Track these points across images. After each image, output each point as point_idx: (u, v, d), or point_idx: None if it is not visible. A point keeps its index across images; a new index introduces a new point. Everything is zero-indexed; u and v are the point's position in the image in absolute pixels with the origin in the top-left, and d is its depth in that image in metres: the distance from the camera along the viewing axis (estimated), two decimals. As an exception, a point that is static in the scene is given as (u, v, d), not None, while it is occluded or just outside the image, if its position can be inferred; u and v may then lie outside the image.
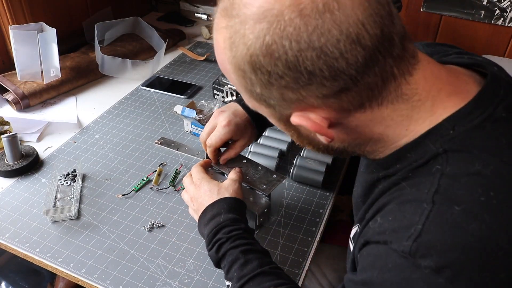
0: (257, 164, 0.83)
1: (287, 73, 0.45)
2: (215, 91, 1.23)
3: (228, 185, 0.74)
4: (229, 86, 1.17)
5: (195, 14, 1.29)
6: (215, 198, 0.72)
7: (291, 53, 0.44)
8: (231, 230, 0.67)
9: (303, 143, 0.58)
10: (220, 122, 0.79)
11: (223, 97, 1.20)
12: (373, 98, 0.48)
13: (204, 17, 1.24)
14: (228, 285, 0.64)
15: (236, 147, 0.82)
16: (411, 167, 0.51)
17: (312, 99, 0.47)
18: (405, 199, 0.49)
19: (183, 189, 0.91)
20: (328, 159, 0.96)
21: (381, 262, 0.47)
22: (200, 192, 0.74)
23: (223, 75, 1.19)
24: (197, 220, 0.74)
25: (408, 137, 0.51)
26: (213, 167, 0.83)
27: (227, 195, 0.72)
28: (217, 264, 0.68)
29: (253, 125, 0.81)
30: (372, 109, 0.49)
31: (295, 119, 0.50)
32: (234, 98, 1.18)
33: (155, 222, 0.84)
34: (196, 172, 0.78)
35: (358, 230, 0.61)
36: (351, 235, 0.64)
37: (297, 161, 0.96)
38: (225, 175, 0.80)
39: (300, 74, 0.45)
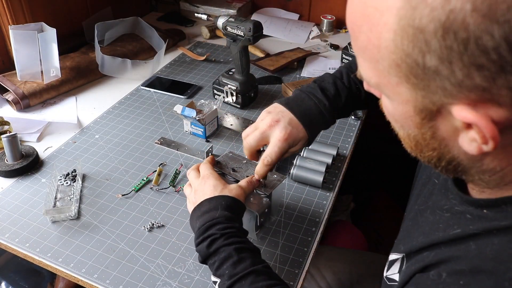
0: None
1: (501, 48, 0.33)
2: (215, 91, 1.23)
3: (233, 188, 0.72)
4: (229, 86, 1.17)
5: (195, 14, 1.28)
6: (216, 194, 0.71)
7: None
8: (225, 227, 0.66)
9: (423, 149, 0.45)
10: (276, 135, 0.72)
11: (224, 97, 1.20)
12: None
13: (204, 17, 1.24)
14: (215, 281, 0.63)
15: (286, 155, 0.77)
16: (499, 225, 0.43)
17: (503, 92, 0.35)
18: (482, 267, 0.41)
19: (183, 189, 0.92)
20: (328, 159, 0.96)
21: None
22: (205, 186, 0.73)
23: (223, 75, 1.19)
24: (190, 207, 0.72)
25: None
26: (215, 167, 0.83)
27: (228, 194, 0.71)
28: (205, 259, 0.66)
29: (307, 135, 0.75)
30: None
31: (465, 113, 0.37)
32: (234, 98, 1.18)
33: (155, 222, 0.84)
34: (205, 167, 0.76)
35: (401, 262, 0.56)
36: (389, 259, 0.61)
37: (297, 161, 0.96)
38: (226, 176, 0.80)
39: None
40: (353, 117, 1.16)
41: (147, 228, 0.83)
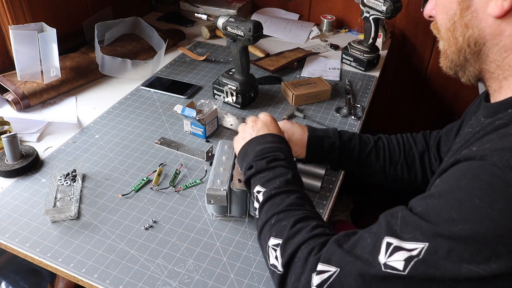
0: None
1: None
2: (215, 91, 1.23)
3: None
4: (229, 86, 1.17)
5: (195, 14, 1.28)
6: (279, 134, 0.80)
7: None
8: (289, 157, 0.74)
9: (457, 29, 0.58)
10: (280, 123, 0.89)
11: (224, 97, 1.20)
12: None
13: (204, 17, 1.24)
14: (259, 191, 0.69)
15: None
16: None
17: None
18: (508, 132, 0.49)
19: (183, 189, 0.92)
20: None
21: (472, 174, 0.46)
22: (270, 122, 0.81)
23: (223, 75, 1.19)
24: (247, 138, 0.78)
25: None
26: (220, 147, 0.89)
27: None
28: (255, 173, 0.71)
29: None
30: None
31: None
32: (234, 98, 1.18)
33: (155, 222, 0.84)
34: (267, 115, 0.84)
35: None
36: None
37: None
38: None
39: None
40: (353, 117, 1.16)
41: (147, 228, 0.83)
